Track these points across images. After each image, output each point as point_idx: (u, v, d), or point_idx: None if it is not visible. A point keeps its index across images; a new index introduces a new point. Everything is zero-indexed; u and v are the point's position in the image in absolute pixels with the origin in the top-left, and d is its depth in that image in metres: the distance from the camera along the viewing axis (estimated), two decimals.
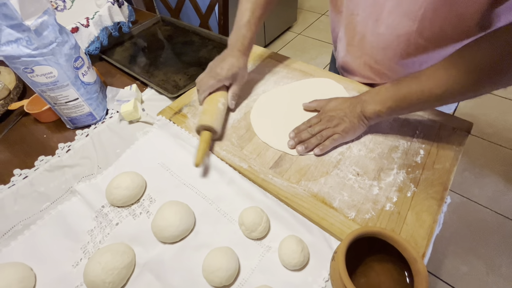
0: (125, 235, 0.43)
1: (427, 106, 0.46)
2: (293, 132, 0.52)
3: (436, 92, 0.40)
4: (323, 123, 0.50)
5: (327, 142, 0.49)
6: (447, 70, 0.39)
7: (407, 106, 0.44)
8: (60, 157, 0.55)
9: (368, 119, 0.48)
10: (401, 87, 0.43)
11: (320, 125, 0.50)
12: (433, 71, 0.40)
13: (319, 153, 0.49)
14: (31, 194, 0.49)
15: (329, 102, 0.53)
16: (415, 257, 0.29)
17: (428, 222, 0.40)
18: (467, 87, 0.38)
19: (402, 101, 0.43)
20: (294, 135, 0.51)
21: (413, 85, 0.42)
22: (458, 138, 0.49)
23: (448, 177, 0.44)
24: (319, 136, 0.49)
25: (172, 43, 0.83)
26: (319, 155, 0.49)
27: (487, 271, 1.03)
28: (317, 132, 0.50)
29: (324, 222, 0.41)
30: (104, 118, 0.61)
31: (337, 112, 0.50)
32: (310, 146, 0.49)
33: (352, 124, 0.48)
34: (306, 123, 0.52)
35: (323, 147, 0.48)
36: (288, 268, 0.38)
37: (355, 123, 0.48)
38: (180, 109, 0.59)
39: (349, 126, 0.49)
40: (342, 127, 0.49)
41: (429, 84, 0.40)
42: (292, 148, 0.50)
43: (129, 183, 0.45)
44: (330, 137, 0.49)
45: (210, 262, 0.37)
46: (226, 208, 0.45)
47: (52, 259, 0.41)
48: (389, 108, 0.45)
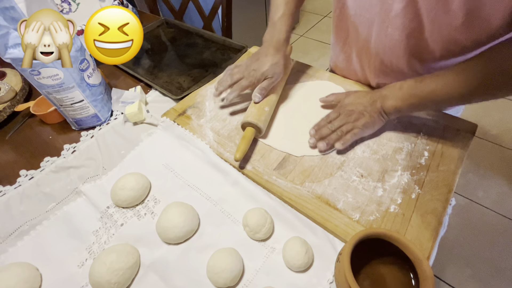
0: (130, 235, 0.43)
1: (450, 105, 0.47)
2: (313, 129, 0.52)
3: (462, 91, 0.40)
4: (342, 118, 0.50)
5: (348, 136, 0.48)
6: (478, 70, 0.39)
7: (429, 104, 0.45)
8: (66, 158, 0.55)
9: (388, 114, 0.48)
10: (426, 85, 0.43)
11: (339, 120, 0.50)
12: (461, 71, 0.40)
13: (341, 147, 0.48)
14: (37, 195, 0.50)
15: (348, 96, 0.53)
16: (421, 258, 0.28)
17: (433, 224, 0.40)
18: (494, 89, 0.39)
19: (426, 99, 0.44)
20: (315, 132, 0.51)
21: (439, 84, 0.42)
22: (463, 140, 0.49)
23: (453, 178, 0.44)
24: (339, 132, 0.49)
25: (176, 45, 0.83)
26: (340, 149, 0.49)
27: (491, 274, 1.02)
28: (337, 128, 0.49)
29: (328, 223, 0.41)
30: (109, 120, 0.62)
31: (356, 106, 0.50)
32: (331, 142, 0.49)
33: (372, 118, 0.48)
34: (325, 119, 0.52)
35: (344, 141, 0.48)
36: (292, 270, 0.38)
37: (374, 118, 0.49)
38: (184, 110, 0.60)
39: (369, 120, 0.48)
40: (362, 121, 0.48)
41: (457, 84, 0.40)
42: (313, 146, 0.50)
43: (134, 184, 0.45)
44: (350, 131, 0.49)
45: (215, 263, 0.37)
46: (230, 209, 0.45)
47: (57, 259, 0.41)
48: (411, 105, 0.45)
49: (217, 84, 0.57)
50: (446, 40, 0.43)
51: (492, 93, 0.40)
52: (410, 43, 0.47)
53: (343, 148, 0.49)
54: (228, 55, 0.76)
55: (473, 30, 0.39)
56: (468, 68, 0.40)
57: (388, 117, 0.49)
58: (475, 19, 0.38)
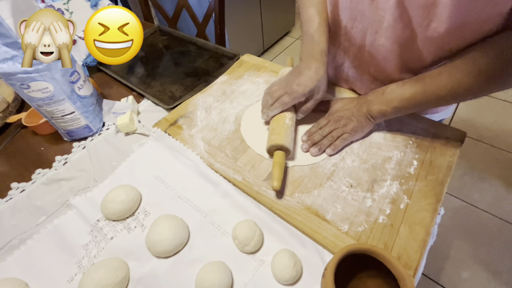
0: (120, 249, 0.43)
1: (430, 106, 0.49)
2: (305, 135, 0.53)
3: (439, 94, 0.42)
4: (332, 124, 0.52)
5: (338, 141, 0.51)
6: (450, 74, 0.41)
7: (411, 107, 0.46)
8: (57, 170, 0.55)
9: (374, 118, 0.51)
10: (406, 89, 0.46)
11: (329, 126, 0.52)
12: (437, 74, 0.42)
13: (331, 153, 0.50)
14: (28, 208, 0.50)
15: (336, 103, 0.55)
16: (404, 276, 0.29)
17: (421, 235, 0.40)
18: (469, 90, 0.40)
19: (407, 102, 0.46)
20: (307, 138, 0.53)
21: (418, 87, 0.44)
22: (452, 149, 0.49)
23: (441, 189, 0.44)
24: (330, 137, 0.51)
25: (170, 53, 0.84)
26: (331, 155, 0.51)
27: (488, 277, 1.02)
28: (328, 133, 0.51)
29: (317, 235, 0.41)
30: (100, 130, 0.62)
31: (344, 112, 0.52)
32: (323, 147, 0.51)
33: (360, 123, 0.51)
34: (316, 125, 0.54)
35: (335, 147, 0.50)
36: (281, 283, 0.38)
37: (362, 122, 0.51)
38: (175, 120, 0.60)
39: (357, 125, 0.50)
40: (351, 126, 0.50)
41: (433, 87, 0.43)
42: (306, 151, 0.52)
43: (124, 197, 0.45)
44: (340, 137, 0.51)
45: (203, 277, 0.37)
46: (220, 221, 0.45)
47: (47, 275, 0.41)
48: (394, 108, 0.47)
49: (262, 109, 0.54)
50: (438, 48, 0.44)
51: (471, 94, 0.41)
52: (402, 52, 0.48)
53: (333, 154, 0.51)
54: (221, 63, 0.77)
55: (464, 37, 0.40)
56: (446, 71, 0.41)
57: (375, 121, 0.51)
58: (466, 28, 0.38)
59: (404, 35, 0.45)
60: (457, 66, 0.40)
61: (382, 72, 0.54)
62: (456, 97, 0.42)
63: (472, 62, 0.39)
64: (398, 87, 0.47)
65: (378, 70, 0.54)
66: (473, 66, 0.39)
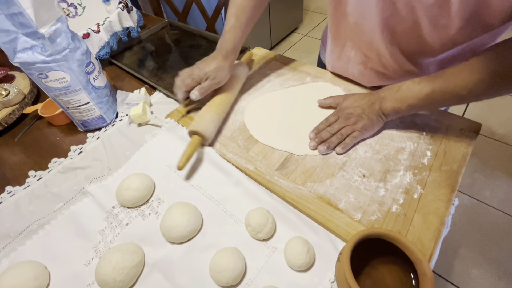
0: (135, 235, 0.44)
1: (446, 105, 0.47)
2: (313, 132, 0.52)
3: (459, 93, 0.41)
4: (341, 121, 0.51)
5: (348, 140, 0.49)
6: (471, 72, 0.39)
7: (427, 105, 0.45)
8: (72, 159, 0.56)
9: (386, 116, 0.49)
10: (423, 87, 0.44)
11: (339, 123, 0.51)
12: (457, 73, 0.41)
13: (341, 152, 0.49)
14: (45, 195, 0.51)
15: (346, 99, 0.53)
16: (421, 258, 0.29)
17: (435, 224, 0.40)
18: (489, 89, 0.39)
19: (424, 100, 0.44)
20: (315, 136, 0.52)
21: (436, 85, 0.42)
22: (466, 139, 0.49)
23: (455, 179, 0.44)
24: (339, 135, 0.50)
25: (180, 47, 0.84)
26: (341, 154, 0.49)
27: (498, 275, 1.01)
28: (337, 131, 0.50)
29: (330, 223, 0.41)
30: (114, 121, 0.63)
31: (354, 109, 0.50)
32: (332, 146, 0.49)
33: (371, 121, 0.49)
34: (325, 122, 0.52)
35: (344, 146, 0.49)
36: (294, 269, 0.38)
37: (373, 120, 0.49)
38: (187, 111, 0.60)
39: (368, 123, 0.49)
40: (361, 124, 0.49)
41: (452, 85, 0.41)
42: (313, 149, 0.51)
43: (139, 184, 0.46)
44: (350, 135, 0.49)
45: (217, 262, 0.38)
46: (232, 209, 0.45)
47: (65, 258, 0.42)
48: (409, 106, 0.46)
49: (174, 90, 0.57)
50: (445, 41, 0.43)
51: (490, 94, 0.40)
52: (410, 45, 0.47)
53: (343, 152, 0.49)
54: None
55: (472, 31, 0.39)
56: (466, 70, 0.40)
57: (387, 119, 0.49)
58: (475, 21, 0.38)
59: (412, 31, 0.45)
60: (477, 64, 0.39)
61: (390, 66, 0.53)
62: (475, 96, 0.41)
63: (492, 61, 0.38)
64: (415, 84, 0.45)
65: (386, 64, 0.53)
66: (493, 65, 0.38)
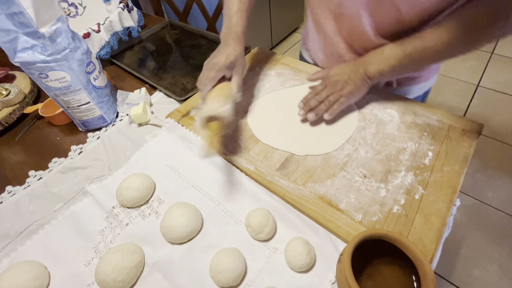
0: (135, 235, 0.44)
1: (428, 62, 0.50)
2: (301, 102, 0.54)
3: (438, 49, 0.44)
4: (328, 88, 0.52)
5: (335, 106, 0.51)
6: (448, 28, 0.42)
7: (409, 64, 0.47)
8: (73, 159, 0.56)
9: (371, 79, 0.51)
10: (405, 46, 0.46)
11: (326, 91, 0.52)
12: (434, 30, 0.44)
13: (328, 118, 0.51)
14: (45, 195, 0.51)
15: (332, 69, 0.55)
16: (422, 260, 0.28)
17: (437, 225, 0.39)
18: (466, 42, 0.42)
19: (406, 59, 0.47)
20: (303, 105, 0.53)
21: (416, 44, 0.45)
22: (468, 140, 0.48)
23: (457, 179, 0.44)
24: (327, 102, 0.51)
25: (180, 47, 0.84)
26: (329, 119, 0.51)
27: (500, 276, 1.00)
28: (325, 98, 0.52)
29: (330, 224, 0.41)
30: (114, 121, 0.63)
31: (340, 76, 0.52)
32: (320, 113, 0.52)
33: (356, 86, 0.51)
34: (313, 91, 0.54)
35: (332, 112, 0.51)
36: (295, 270, 0.38)
37: (359, 85, 0.51)
38: (188, 111, 0.60)
39: (353, 88, 0.51)
40: (347, 90, 0.51)
41: (431, 42, 0.44)
42: (302, 118, 0.52)
43: (139, 184, 0.46)
44: (337, 101, 0.51)
45: (217, 262, 0.38)
46: (233, 210, 0.45)
47: (65, 258, 0.42)
48: (393, 67, 0.48)
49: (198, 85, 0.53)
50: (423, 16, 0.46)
51: (468, 48, 0.43)
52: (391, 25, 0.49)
53: (331, 118, 0.51)
54: None
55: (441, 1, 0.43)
56: (442, 27, 0.43)
57: (372, 82, 0.51)
58: None
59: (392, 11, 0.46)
60: (453, 20, 0.42)
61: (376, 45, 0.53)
62: (453, 50, 0.44)
63: (466, 15, 0.41)
64: (397, 45, 0.47)
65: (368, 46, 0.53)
66: (467, 19, 0.41)
